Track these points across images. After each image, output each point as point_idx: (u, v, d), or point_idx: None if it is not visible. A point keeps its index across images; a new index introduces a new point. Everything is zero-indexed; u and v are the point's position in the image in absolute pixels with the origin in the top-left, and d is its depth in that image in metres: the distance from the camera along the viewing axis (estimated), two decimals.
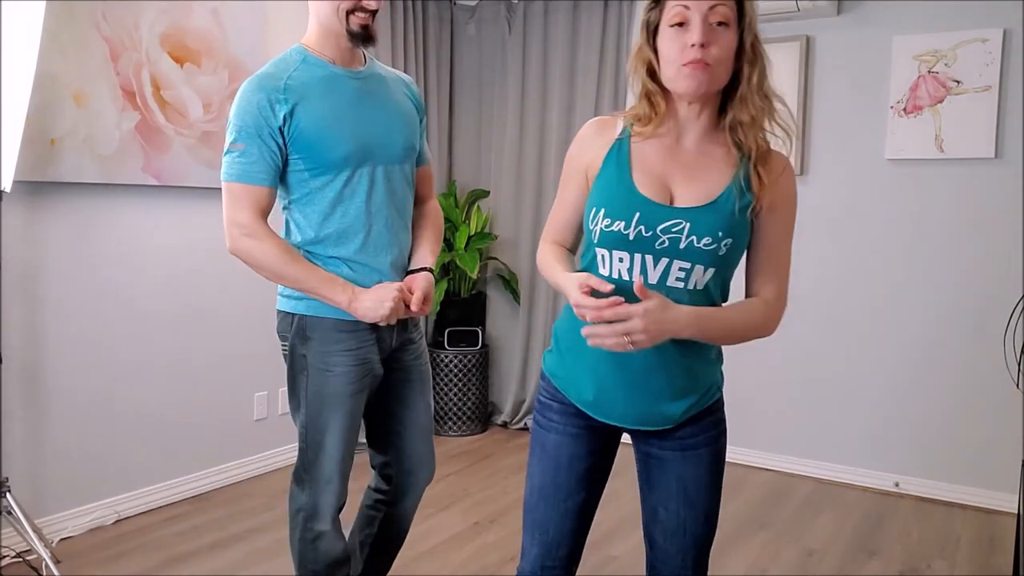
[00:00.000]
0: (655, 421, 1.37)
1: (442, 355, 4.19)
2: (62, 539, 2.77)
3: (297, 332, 1.83)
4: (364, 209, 1.79)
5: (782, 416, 3.70)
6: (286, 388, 1.90)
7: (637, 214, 1.28)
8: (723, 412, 1.45)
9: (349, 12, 1.70)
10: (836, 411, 3.58)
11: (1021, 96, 3.14)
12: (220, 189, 1.90)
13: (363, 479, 2.11)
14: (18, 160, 2.39)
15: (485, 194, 4.41)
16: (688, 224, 1.27)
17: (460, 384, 4.19)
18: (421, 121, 1.93)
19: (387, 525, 2.01)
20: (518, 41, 4.29)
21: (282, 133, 1.72)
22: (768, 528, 3.04)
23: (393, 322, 1.78)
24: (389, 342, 1.87)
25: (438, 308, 4.13)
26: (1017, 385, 2.88)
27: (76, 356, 2.84)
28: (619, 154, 1.34)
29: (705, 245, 1.27)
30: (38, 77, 2.41)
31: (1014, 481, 3.03)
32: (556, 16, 4.14)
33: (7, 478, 2.46)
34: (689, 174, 1.31)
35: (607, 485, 1.51)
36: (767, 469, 3.71)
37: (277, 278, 1.82)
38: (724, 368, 1.49)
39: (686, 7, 1.25)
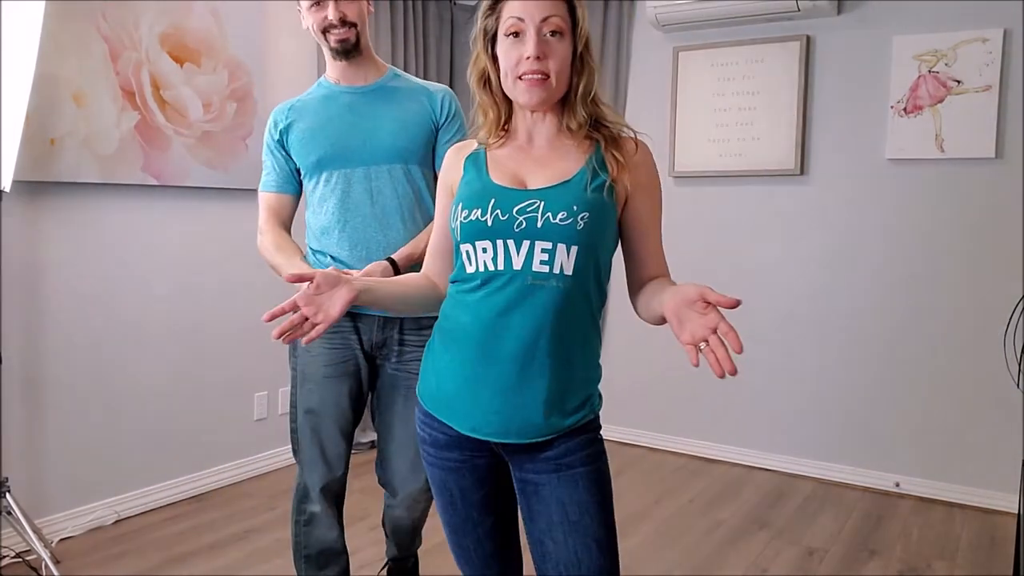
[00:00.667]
0: (523, 430, 1.29)
1: None
2: (62, 539, 2.77)
3: None
4: (340, 207, 1.92)
5: (782, 416, 3.70)
6: (288, 388, 1.98)
7: (492, 200, 1.29)
8: (599, 434, 1.37)
9: (324, 32, 1.88)
10: (836, 411, 3.58)
11: (1021, 96, 3.14)
12: (220, 189, 2.58)
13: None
14: (18, 160, 2.39)
15: None
16: (542, 202, 1.27)
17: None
18: (442, 127, 2.00)
19: (390, 513, 2.11)
20: None
21: (283, 146, 1.97)
22: (768, 528, 3.04)
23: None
24: (370, 336, 1.95)
25: None
26: (1017, 385, 2.88)
27: (76, 356, 2.84)
28: (476, 161, 1.37)
29: (561, 220, 1.26)
30: (38, 77, 2.41)
31: (1014, 481, 3.02)
32: None
33: (7, 478, 2.46)
34: (542, 164, 1.33)
35: None
36: (767, 469, 3.71)
37: (271, 267, 1.96)
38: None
39: (520, 18, 1.26)
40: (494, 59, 1.32)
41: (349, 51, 1.89)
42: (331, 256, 1.93)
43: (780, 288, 3.68)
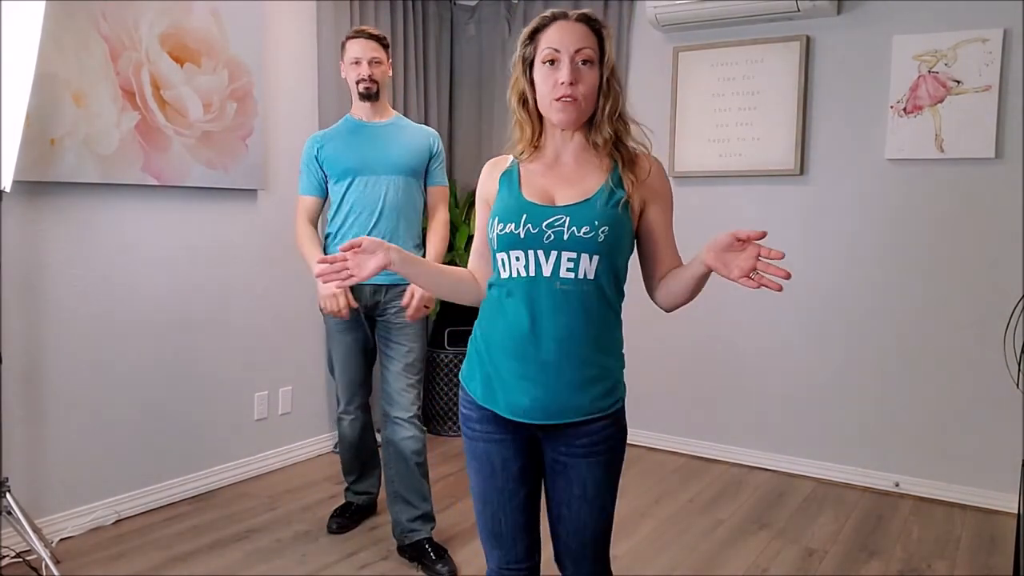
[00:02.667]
0: (564, 412, 1.48)
1: (441, 355, 4.19)
2: (62, 539, 2.77)
3: None
4: (359, 202, 2.70)
5: (782, 416, 3.70)
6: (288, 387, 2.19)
7: (524, 215, 1.48)
8: (624, 420, 1.56)
9: (357, 82, 2.70)
10: (836, 411, 3.58)
11: (1021, 96, 3.14)
12: (220, 189, 3.28)
13: None
14: (18, 160, 2.39)
15: None
16: (568, 218, 1.46)
17: (460, 384, 4.19)
18: (433, 158, 2.77)
19: (395, 442, 2.68)
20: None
21: (318, 161, 2.75)
22: (768, 528, 3.04)
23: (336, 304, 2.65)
24: (365, 301, 2.72)
25: (438, 308, 4.13)
26: (1017, 385, 2.88)
27: (76, 356, 2.84)
28: (510, 177, 1.56)
29: (584, 234, 1.44)
30: (38, 77, 2.41)
31: (1014, 481, 3.03)
32: None
33: (7, 478, 2.46)
34: (568, 182, 1.52)
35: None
36: (767, 469, 3.71)
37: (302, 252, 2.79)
38: (725, 367, 1.51)
39: (556, 49, 1.46)
40: (531, 83, 1.51)
41: (370, 96, 2.70)
42: (344, 238, 2.67)
43: None
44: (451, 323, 4.24)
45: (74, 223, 2.82)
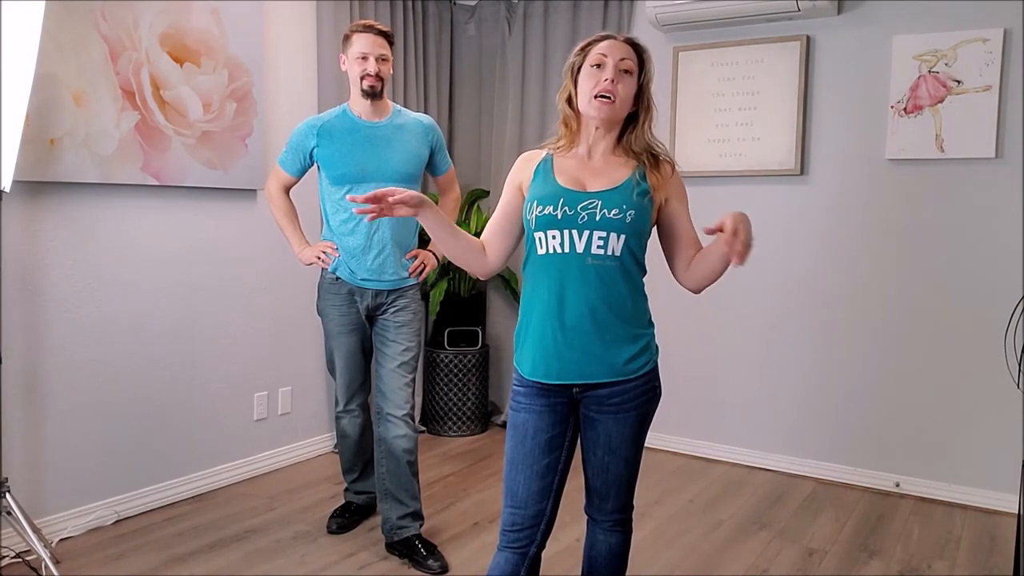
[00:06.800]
0: (594, 373, 1.71)
1: (441, 355, 4.19)
2: (62, 539, 2.77)
3: (319, 285, 2.85)
4: (348, 210, 2.70)
5: (782, 416, 3.70)
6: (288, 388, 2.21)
7: (561, 199, 1.70)
8: (656, 382, 1.82)
9: (361, 78, 2.65)
10: (836, 411, 3.58)
11: (1021, 96, 3.14)
12: (219, 189, 3.26)
13: None
14: (18, 160, 2.38)
15: (485, 194, 4.41)
16: (600, 202, 1.69)
17: (460, 384, 4.19)
18: (436, 149, 2.81)
19: (388, 441, 2.70)
20: (518, 41, 4.29)
21: (310, 154, 2.75)
22: (768, 528, 3.04)
23: (308, 261, 2.80)
24: (367, 303, 2.75)
25: (438, 308, 4.13)
26: (1017, 385, 2.88)
27: (76, 356, 2.84)
28: (545, 167, 1.79)
29: (614, 215, 1.68)
30: (38, 77, 2.41)
31: (1014, 481, 3.03)
32: (556, 16, 4.14)
33: (7, 478, 2.46)
34: (599, 174, 1.76)
35: None
36: (767, 469, 3.71)
37: (277, 222, 2.91)
38: (725, 369, 1.52)
39: (604, 55, 1.72)
40: (575, 85, 1.76)
41: (373, 94, 2.66)
42: (345, 242, 2.71)
43: (779, 288, 3.68)
44: (451, 323, 4.24)
45: (74, 223, 2.82)
